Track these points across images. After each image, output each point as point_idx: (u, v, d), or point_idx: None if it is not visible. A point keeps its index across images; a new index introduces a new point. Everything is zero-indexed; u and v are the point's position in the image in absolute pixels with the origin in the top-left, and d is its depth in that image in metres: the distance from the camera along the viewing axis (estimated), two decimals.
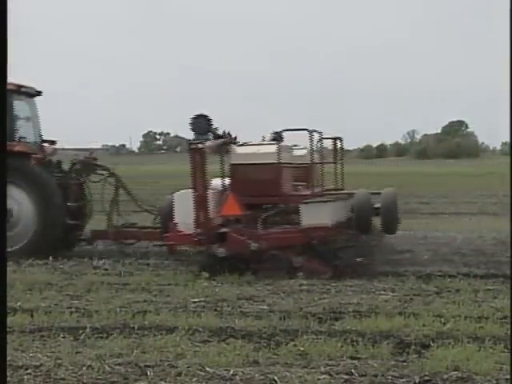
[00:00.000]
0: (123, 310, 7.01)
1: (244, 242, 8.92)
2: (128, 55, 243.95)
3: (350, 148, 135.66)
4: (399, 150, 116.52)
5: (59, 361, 5.37)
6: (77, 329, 6.28)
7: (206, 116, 9.53)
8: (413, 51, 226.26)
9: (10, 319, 6.26)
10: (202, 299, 7.53)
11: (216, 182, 9.78)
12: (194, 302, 7.40)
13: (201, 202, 9.01)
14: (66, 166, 11.76)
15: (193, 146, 9.20)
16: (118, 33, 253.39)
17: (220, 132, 9.80)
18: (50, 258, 10.40)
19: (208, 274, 8.75)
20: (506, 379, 4.91)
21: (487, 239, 12.12)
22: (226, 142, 9.79)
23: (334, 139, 11.05)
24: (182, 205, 9.35)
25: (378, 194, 9.90)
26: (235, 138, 10.09)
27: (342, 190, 10.72)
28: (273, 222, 9.51)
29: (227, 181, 9.68)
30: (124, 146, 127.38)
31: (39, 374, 5.12)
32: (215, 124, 9.71)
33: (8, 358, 5.07)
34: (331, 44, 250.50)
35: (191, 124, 9.46)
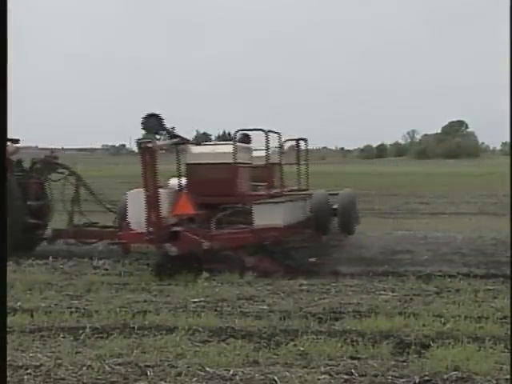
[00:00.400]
0: (123, 310, 7.01)
1: (196, 241, 8.96)
2: (128, 55, 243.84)
3: (350, 148, 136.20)
4: (399, 150, 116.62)
5: (59, 361, 5.38)
6: (77, 329, 6.28)
7: (157, 115, 9.54)
8: (413, 51, 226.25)
9: (9, 319, 6.27)
10: (202, 299, 7.53)
11: (173, 182, 9.79)
12: (194, 302, 7.40)
13: (152, 202, 9.01)
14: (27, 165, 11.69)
15: (142, 146, 9.16)
16: (119, 33, 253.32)
17: (174, 131, 9.78)
18: (50, 258, 10.41)
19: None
20: (506, 379, 4.91)
21: (487, 239, 12.10)
22: (179, 141, 9.77)
23: (297, 140, 11.11)
24: (134, 204, 9.31)
25: (337, 194, 10.06)
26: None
27: (306, 190, 10.79)
28: (228, 222, 9.54)
29: (183, 180, 9.70)
30: (124, 146, 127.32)
31: (39, 374, 5.12)
32: (173, 124, 9.78)
33: (8, 358, 5.07)
34: (331, 44, 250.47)
35: (142, 123, 9.47)
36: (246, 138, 10.77)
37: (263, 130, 9.79)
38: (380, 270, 9.17)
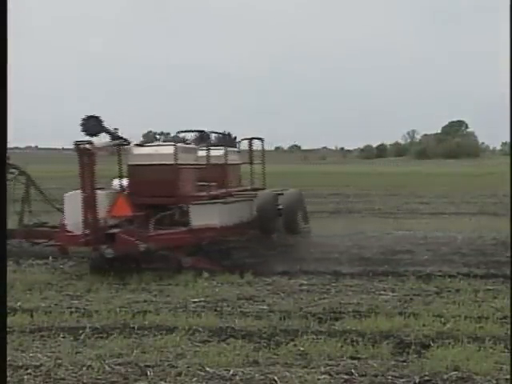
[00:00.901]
0: (123, 310, 7.01)
1: (132, 242, 8.94)
2: (128, 55, 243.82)
3: (350, 148, 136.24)
4: (399, 150, 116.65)
5: (59, 361, 5.38)
6: (77, 329, 6.28)
7: (97, 117, 9.52)
8: (413, 51, 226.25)
9: (9, 319, 6.27)
10: (202, 299, 7.53)
11: (116, 183, 9.80)
12: (194, 302, 7.40)
13: (88, 203, 8.97)
14: None
15: (80, 147, 9.13)
16: (119, 33, 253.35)
17: (116, 132, 9.75)
18: (50, 258, 10.40)
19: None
20: (506, 379, 4.92)
21: (487, 239, 12.11)
22: (119, 143, 9.76)
23: (250, 140, 11.16)
24: (71, 205, 9.27)
25: (282, 194, 10.16)
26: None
27: (262, 189, 10.92)
28: (169, 223, 9.56)
29: (125, 181, 9.72)
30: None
31: (39, 374, 5.13)
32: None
33: (8, 358, 5.07)
34: (331, 44, 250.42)
35: (81, 125, 9.46)
36: (205, 138, 10.84)
37: (204, 131, 9.79)
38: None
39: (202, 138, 10.76)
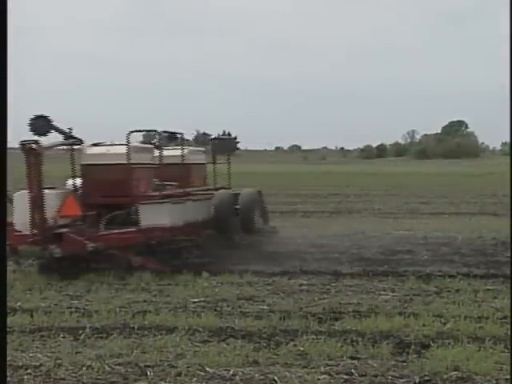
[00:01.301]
0: (123, 310, 7.01)
1: (81, 242, 8.94)
2: (128, 55, 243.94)
3: (350, 148, 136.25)
4: (399, 150, 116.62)
5: (59, 361, 5.38)
6: (77, 329, 6.28)
7: (45, 117, 9.51)
8: (413, 51, 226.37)
9: (9, 319, 6.27)
10: (202, 299, 7.53)
11: (69, 182, 9.81)
12: (194, 302, 7.40)
13: (36, 203, 8.96)
14: None
15: (26, 147, 9.08)
16: (119, 33, 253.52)
17: (70, 132, 9.72)
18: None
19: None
20: (506, 379, 4.92)
21: (487, 239, 12.12)
22: (69, 142, 9.75)
23: (213, 140, 11.19)
24: (20, 205, 9.24)
25: (239, 194, 10.26)
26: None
27: (226, 188, 11.01)
28: (122, 223, 9.55)
29: (78, 181, 9.72)
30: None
31: (39, 374, 5.13)
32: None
33: (8, 358, 5.07)
34: (331, 44, 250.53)
35: (29, 125, 9.46)
36: (172, 138, 10.90)
37: (156, 131, 9.78)
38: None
39: (170, 138, 10.82)
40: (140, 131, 10.10)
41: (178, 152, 10.53)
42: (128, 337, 6.04)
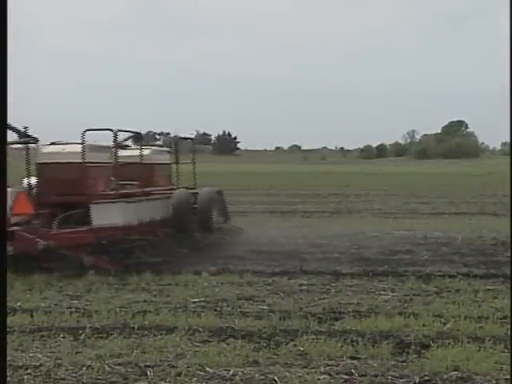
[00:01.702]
0: (123, 310, 7.01)
1: (32, 240, 8.93)
2: (128, 55, 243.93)
3: (350, 148, 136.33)
4: (399, 150, 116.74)
5: (59, 361, 5.37)
6: (77, 329, 6.28)
7: None
8: (413, 51, 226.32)
9: (9, 319, 6.26)
10: (202, 299, 7.53)
11: (25, 181, 9.84)
12: (194, 302, 7.39)
13: None
14: None
15: None
16: (118, 33, 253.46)
17: (25, 131, 9.68)
18: None
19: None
20: (506, 379, 4.91)
21: (487, 239, 12.12)
22: (23, 141, 9.75)
23: (176, 140, 11.21)
24: None
25: (197, 193, 10.37)
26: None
27: (190, 188, 11.09)
28: (76, 222, 9.56)
29: (33, 180, 9.73)
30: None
31: (39, 374, 5.12)
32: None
33: (8, 358, 5.07)
34: (331, 44, 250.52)
35: None
36: (138, 138, 10.96)
37: (112, 130, 9.81)
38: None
39: (136, 137, 10.91)
40: (95, 130, 10.08)
41: (141, 152, 10.60)
42: (128, 337, 6.03)
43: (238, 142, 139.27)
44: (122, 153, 10.35)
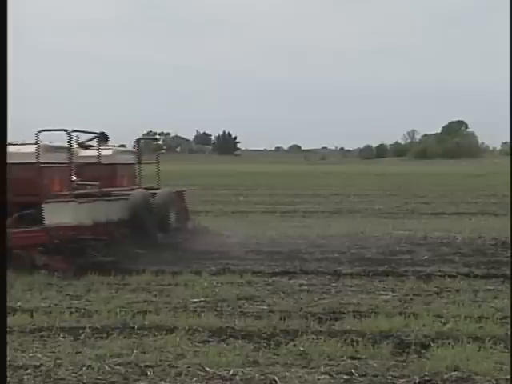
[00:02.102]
0: (123, 310, 7.00)
1: None
2: (128, 56, 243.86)
3: (350, 148, 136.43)
4: (399, 150, 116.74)
5: (59, 361, 5.37)
6: (77, 329, 6.28)
7: None
8: (413, 52, 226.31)
9: (9, 319, 6.26)
10: (202, 299, 7.52)
11: None
12: (194, 302, 7.39)
13: None
14: None
15: None
16: (118, 33, 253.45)
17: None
18: None
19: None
20: (506, 379, 4.91)
21: (487, 239, 12.12)
22: None
23: (138, 140, 11.27)
24: None
25: (155, 193, 10.39)
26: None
27: (150, 188, 11.10)
28: (31, 222, 9.56)
29: None
30: (124, 146, 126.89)
31: (39, 374, 5.12)
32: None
33: (8, 358, 5.07)
34: (331, 44, 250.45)
35: None
36: (104, 139, 10.99)
37: (66, 130, 9.81)
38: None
39: (101, 138, 10.94)
40: (49, 130, 10.07)
41: (103, 152, 10.59)
42: (128, 337, 6.03)
43: (238, 142, 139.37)
44: (84, 153, 10.38)
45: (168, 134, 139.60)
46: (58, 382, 4.99)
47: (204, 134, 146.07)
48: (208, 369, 5.15)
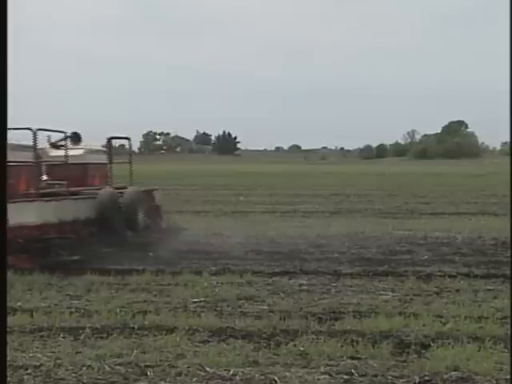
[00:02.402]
0: (123, 310, 7.00)
1: None
2: (128, 56, 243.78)
3: (350, 148, 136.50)
4: (399, 150, 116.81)
5: (59, 361, 5.37)
6: (77, 329, 6.27)
7: None
8: (413, 52, 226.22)
9: (9, 319, 6.26)
10: (202, 299, 7.52)
11: None
12: (194, 302, 7.39)
13: None
14: None
15: None
16: (118, 34, 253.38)
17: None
18: None
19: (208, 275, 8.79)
20: (506, 379, 4.91)
21: (487, 239, 12.12)
22: None
23: (109, 140, 11.31)
24: None
25: (123, 193, 10.42)
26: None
27: (123, 188, 11.08)
28: None
29: None
30: (124, 146, 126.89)
31: (39, 374, 5.12)
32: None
33: (8, 358, 5.07)
34: (330, 44, 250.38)
35: None
36: (76, 139, 11.01)
37: (31, 129, 9.79)
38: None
39: (73, 138, 10.96)
40: (14, 129, 10.06)
41: (74, 152, 10.61)
42: (128, 337, 6.03)
43: (238, 142, 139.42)
44: (55, 153, 10.36)
45: (168, 133, 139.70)
46: (58, 382, 4.99)
47: (204, 133, 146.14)
48: (208, 369, 5.15)
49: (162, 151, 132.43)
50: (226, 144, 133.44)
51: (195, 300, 7.46)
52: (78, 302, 7.49)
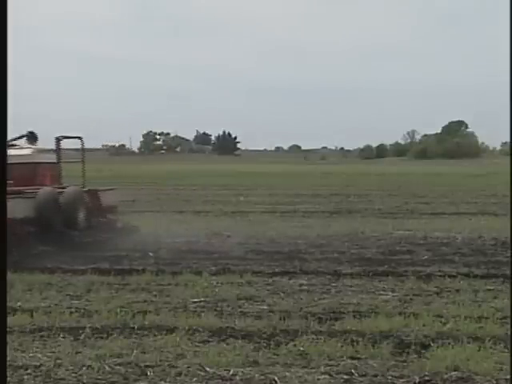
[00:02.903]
0: (123, 310, 7.00)
1: None
2: (128, 55, 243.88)
3: (350, 148, 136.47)
4: (399, 150, 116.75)
5: (59, 361, 5.37)
6: (77, 329, 6.27)
7: None
8: (413, 52, 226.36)
9: (9, 319, 6.26)
10: (202, 299, 7.52)
11: None
12: (194, 302, 7.39)
13: None
14: None
15: None
16: (118, 33, 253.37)
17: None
18: None
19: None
20: (506, 379, 4.91)
21: (487, 239, 12.13)
22: None
23: (58, 139, 11.32)
24: None
25: (63, 192, 10.47)
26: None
27: (63, 188, 11.11)
28: None
29: None
30: (124, 146, 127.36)
31: (39, 374, 5.12)
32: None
33: (8, 358, 5.07)
34: (331, 45, 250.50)
35: None
36: (32, 138, 11.04)
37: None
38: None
39: (29, 137, 11.09)
40: None
41: (22, 151, 10.63)
42: (128, 337, 6.03)
43: (238, 142, 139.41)
44: None
45: (168, 134, 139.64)
46: (58, 382, 4.99)
47: (204, 133, 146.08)
48: (208, 369, 5.15)
49: (162, 151, 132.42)
50: (226, 144, 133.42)
51: (195, 300, 7.47)
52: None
